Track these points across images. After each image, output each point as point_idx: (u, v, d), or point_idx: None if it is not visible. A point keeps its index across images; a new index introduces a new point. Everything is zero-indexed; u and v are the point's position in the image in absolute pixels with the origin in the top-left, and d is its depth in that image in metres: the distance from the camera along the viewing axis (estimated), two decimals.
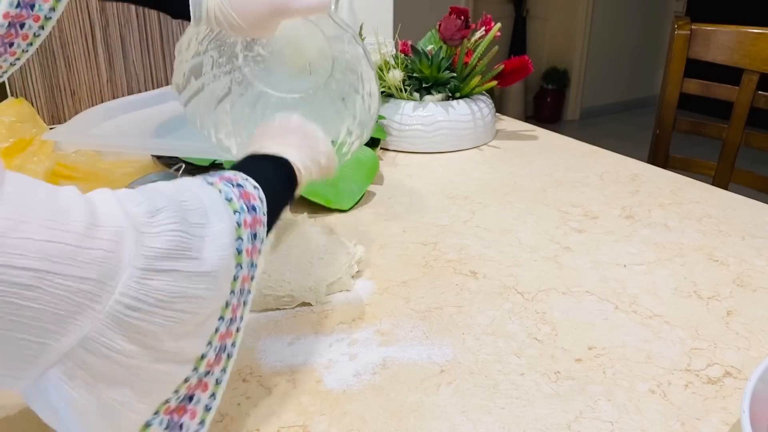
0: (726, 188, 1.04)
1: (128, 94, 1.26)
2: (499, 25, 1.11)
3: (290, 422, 0.49)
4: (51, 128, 0.89)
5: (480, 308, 0.64)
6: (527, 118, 4.13)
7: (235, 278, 0.42)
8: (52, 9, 0.57)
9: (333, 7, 1.24)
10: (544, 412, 0.50)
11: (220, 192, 0.43)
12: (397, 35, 1.19)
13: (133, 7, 1.25)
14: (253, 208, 0.45)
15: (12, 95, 1.17)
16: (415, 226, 0.82)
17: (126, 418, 0.37)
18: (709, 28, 1.21)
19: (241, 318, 0.44)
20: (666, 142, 1.29)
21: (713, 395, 0.52)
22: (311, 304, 0.64)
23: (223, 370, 0.43)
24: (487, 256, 0.74)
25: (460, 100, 1.10)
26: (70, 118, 1.17)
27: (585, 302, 0.65)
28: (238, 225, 0.43)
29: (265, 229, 0.46)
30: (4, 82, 1.16)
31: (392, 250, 0.75)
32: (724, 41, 1.19)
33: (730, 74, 1.20)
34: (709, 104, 1.29)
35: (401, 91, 1.11)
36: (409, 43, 1.15)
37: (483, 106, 1.12)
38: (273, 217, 0.49)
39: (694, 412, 0.50)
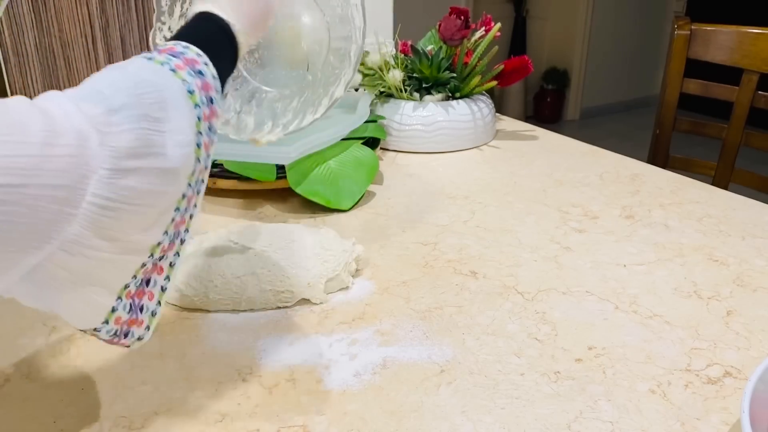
0: (726, 188, 1.04)
1: None
2: (499, 25, 1.11)
3: (290, 422, 0.49)
4: None
5: (480, 308, 0.64)
6: (527, 118, 4.13)
7: (192, 172, 0.43)
8: None
9: None
10: (544, 412, 0.50)
11: (183, 82, 0.43)
12: (397, 35, 1.19)
13: (133, 7, 1.25)
14: (211, 100, 0.46)
15: (12, 95, 1.17)
16: (415, 226, 0.82)
17: (98, 306, 0.40)
18: (709, 28, 1.21)
19: (195, 205, 0.46)
20: (666, 142, 1.29)
21: (713, 395, 0.52)
22: (311, 302, 0.64)
23: (177, 253, 0.45)
24: (487, 256, 0.74)
25: (460, 100, 1.10)
26: None
27: (585, 302, 0.65)
28: (198, 119, 0.43)
29: (218, 118, 0.47)
30: (4, 82, 1.16)
31: (392, 250, 0.75)
32: (724, 41, 1.19)
33: (730, 74, 1.20)
34: (709, 104, 1.29)
35: (401, 91, 1.11)
36: (409, 43, 1.15)
37: (483, 106, 1.12)
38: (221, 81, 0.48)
39: (694, 412, 0.50)
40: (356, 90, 1.12)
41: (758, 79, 1.16)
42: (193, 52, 0.46)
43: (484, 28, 1.12)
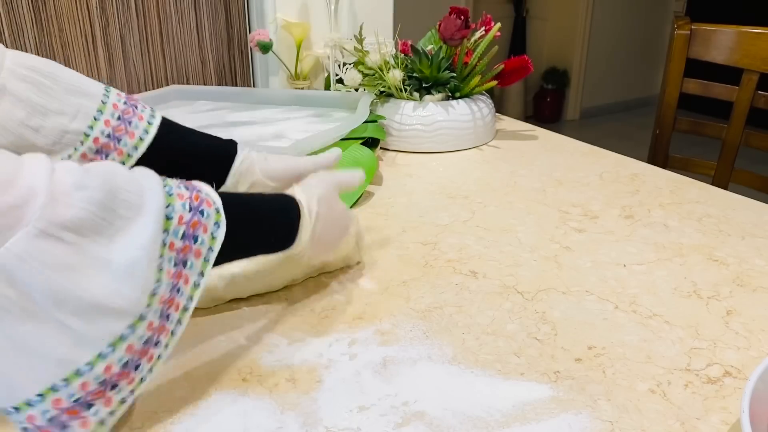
0: (726, 188, 1.04)
1: (128, 94, 1.26)
2: (498, 25, 1.11)
3: (290, 422, 0.49)
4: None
5: (480, 308, 0.64)
6: (527, 118, 4.14)
7: (153, 293, 0.42)
8: None
9: (332, 7, 1.24)
10: (544, 411, 0.50)
11: (164, 186, 0.45)
12: (397, 35, 1.19)
13: (133, 6, 1.25)
14: (200, 212, 0.46)
15: None
16: (415, 226, 0.82)
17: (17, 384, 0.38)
18: (709, 27, 1.21)
19: (166, 345, 0.44)
20: (666, 142, 1.29)
21: (713, 395, 0.52)
22: (313, 299, 0.64)
23: (131, 391, 0.43)
24: (487, 256, 0.74)
25: (460, 100, 1.10)
26: None
27: (585, 302, 0.65)
28: (164, 244, 0.43)
29: (212, 239, 0.46)
30: None
31: (392, 250, 0.75)
32: (723, 41, 1.19)
33: (730, 74, 1.20)
34: (708, 104, 1.29)
35: (401, 91, 1.11)
36: (409, 43, 1.15)
37: (483, 106, 1.12)
38: (234, 246, 0.49)
39: (694, 412, 0.50)
40: (356, 90, 1.12)
41: (758, 79, 1.16)
42: (210, 194, 0.48)
43: (484, 27, 1.12)
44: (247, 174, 0.66)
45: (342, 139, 0.92)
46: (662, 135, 1.28)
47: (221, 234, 0.47)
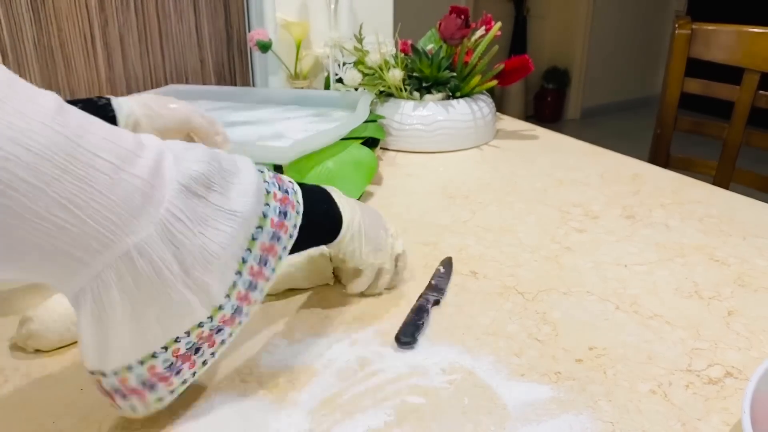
0: (727, 188, 1.04)
1: (127, 94, 1.26)
2: (499, 24, 1.11)
3: (290, 423, 0.49)
4: None
5: (480, 308, 0.64)
6: (528, 118, 4.13)
7: (253, 238, 0.45)
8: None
9: (332, 6, 1.24)
10: (545, 412, 0.50)
11: (265, 181, 0.48)
12: (397, 35, 1.19)
13: (132, 6, 1.25)
14: (286, 191, 0.50)
15: None
16: (415, 226, 0.81)
17: (143, 339, 0.41)
18: (710, 27, 1.20)
19: (261, 290, 0.48)
20: (667, 142, 1.29)
21: (714, 395, 0.52)
22: (317, 299, 0.64)
23: (231, 334, 0.46)
24: (488, 256, 0.74)
25: (460, 100, 1.10)
26: None
27: (586, 302, 0.65)
28: (267, 192, 0.47)
29: (297, 216, 0.50)
30: None
31: None
32: (724, 41, 1.19)
33: (731, 74, 1.20)
34: (710, 104, 1.29)
35: (401, 90, 1.11)
36: (409, 42, 1.15)
37: (483, 105, 1.11)
38: (301, 240, 0.51)
39: (695, 413, 0.50)
40: (356, 90, 1.12)
41: (759, 79, 1.16)
42: (296, 198, 0.51)
43: (484, 27, 1.12)
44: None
45: (342, 139, 0.92)
46: (663, 135, 1.28)
47: (296, 233, 0.50)
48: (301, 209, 0.50)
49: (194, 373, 0.46)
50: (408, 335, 0.58)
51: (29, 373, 0.54)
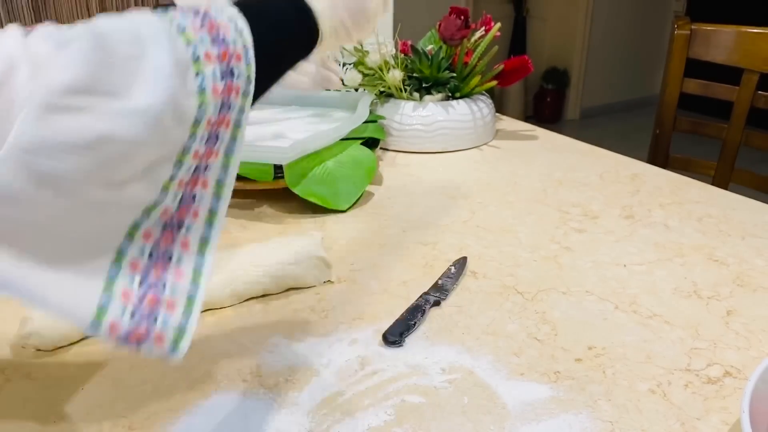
0: (726, 188, 1.04)
1: None
2: (498, 24, 1.11)
3: (290, 422, 0.49)
4: None
5: (480, 308, 0.64)
6: (527, 118, 4.13)
7: (196, 120, 0.36)
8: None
9: None
10: (544, 412, 0.50)
11: (171, 21, 0.37)
12: (397, 35, 1.19)
13: (132, 6, 1.25)
14: (223, 41, 0.38)
15: None
16: (415, 226, 0.82)
17: (80, 287, 0.34)
18: (709, 27, 1.21)
19: (224, 167, 0.39)
20: (666, 142, 1.29)
21: (713, 395, 0.52)
22: (310, 299, 0.64)
23: (209, 223, 0.39)
24: (487, 256, 0.74)
25: (460, 100, 1.10)
26: None
27: (585, 302, 0.65)
28: (196, 58, 0.36)
29: (249, 66, 0.40)
30: None
31: (392, 250, 0.75)
32: (724, 41, 1.19)
33: (730, 74, 1.20)
34: (709, 104, 1.29)
35: (401, 91, 1.11)
36: (409, 43, 1.15)
37: (483, 106, 1.12)
38: (269, 65, 0.42)
39: (694, 412, 0.50)
40: (356, 90, 1.12)
41: (758, 79, 1.16)
42: (225, 15, 0.39)
43: (484, 27, 1.12)
44: None
45: (342, 139, 0.92)
46: (662, 135, 1.28)
47: (251, 88, 0.40)
48: (251, 54, 0.40)
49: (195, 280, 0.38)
50: (395, 334, 0.58)
51: (30, 372, 0.54)
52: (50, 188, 0.31)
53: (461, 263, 0.70)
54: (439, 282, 0.67)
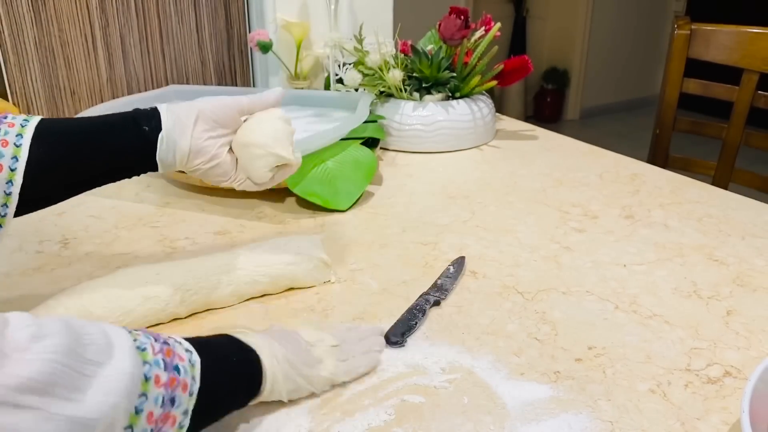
0: (726, 188, 1.04)
1: (128, 94, 1.26)
2: (498, 24, 1.11)
3: (290, 422, 0.49)
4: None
5: (480, 308, 0.64)
6: (527, 118, 4.13)
7: None
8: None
9: (332, 6, 1.24)
10: (544, 411, 0.50)
11: (135, 340, 0.38)
12: (397, 35, 1.19)
13: (132, 6, 1.25)
14: (176, 369, 0.39)
15: (12, 95, 1.17)
16: (415, 226, 0.82)
17: None
18: (709, 27, 1.21)
19: None
20: (666, 142, 1.29)
21: (713, 395, 0.52)
22: (309, 296, 0.64)
23: None
24: (487, 256, 0.74)
25: (460, 100, 1.10)
26: None
27: (585, 302, 0.65)
28: (146, 379, 0.36)
29: (190, 399, 0.39)
30: (3, 81, 1.16)
31: (392, 250, 0.75)
32: (723, 41, 1.19)
33: (730, 74, 1.20)
34: (709, 104, 1.29)
35: (401, 90, 1.11)
36: (409, 42, 1.15)
37: (483, 105, 1.12)
38: (209, 404, 0.42)
39: (694, 412, 0.50)
40: (356, 90, 1.12)
41: (758, 79, 1.16)
42: (182, 348, 0.41)
43: (484, 27, 1.12)
44: (181, 130, 0.54)
45: (342, 139, 0.92)
46: (662, 135, 1.28)
47: (187, 421, 0.40)
48: (195, 388, 0.40)
49: None
50: (397, 335, 0.58)
51: None
52: None
53: (459, 262, 0.70)
54: (438, 282, 0.67)
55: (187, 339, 0.43)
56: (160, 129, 0.54)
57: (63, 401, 0.32)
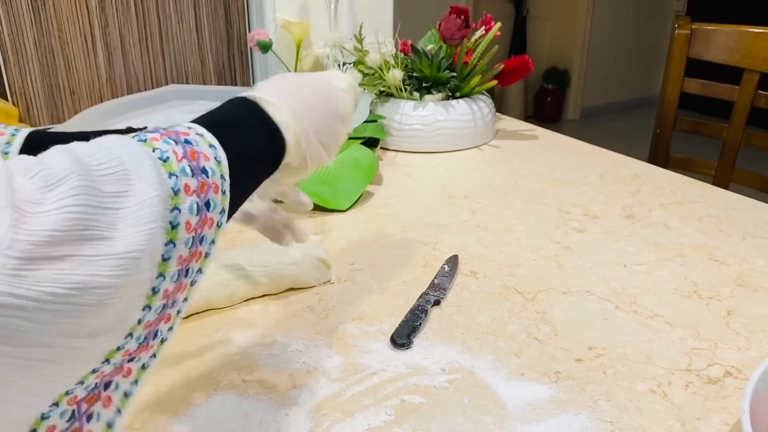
0: (726, 188, 1.04)
1: (128, 94, 1.26)
2: (499, 24, 1.11)
3: (290, 422, 0.49)
4: (50, 128, 0.89)
5: (480, 308, 0.64)
6: (527, 118, 4.13)
7: (164, 258, 0.34)
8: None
9: (332, 6, 1.24)
10: (545, 411, 0.50)
11: (153, 150, 0.35)
12: (397, 35, 1.19)
13: (132, 6, 1.25)
14: (203, 171, 0.37)
15: (12, 95, 1.17)
16: (415, 226, 0.82)
17: (17, 417, 0.30)
18: (710, 27, 1.21)
19: (185, 300, 0.37)
20: (666, 142, 1.29)
21: (713, 395, 0.52)
22: (310, 299, 0.64)
23: (153, 355, 0.37)
24: (487, 256, 0.74)
25: (460, 100, 1.10)
26: (69, 118, 1.17)
27: (585, 302, 0.65)
28: (175, 192, 0.34)
29: (224, 197, 0.38)
30: (3, 81, 1.16)
31: (392, 250, 0.75)
32: (724, 41, 1.19)
33: (731, 74, 1.20)
34: (709, 104, 1.29)
35: (401, 90, 1.11)
36: (409, 42, 1.15)
37: (483, 105, 1.12)
38: (240, 187, 0.41)
39: (695, 412, 0.50)
40: None
41: (759, 79, 1.16)
42: (205, 142, 0.38)
43: (484, 27, 1.12)
44: None
45: None
46: (663, 135, 1.28)
47: (225, 219, 0.39)
48: (227, 185, 0.39)
49: (118, 410, 0.35)
50: (403, 336, 0.58)
51: None
52: (8, 344, 0.28)
53: (453, 260, 0.71)
54: (436, 281, 0.67)
55: (202, 119, 0.41)
56: None
57: (96, 243, 0.30)
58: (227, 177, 0.38)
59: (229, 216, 0.40)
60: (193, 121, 0.40)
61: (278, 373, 0.54)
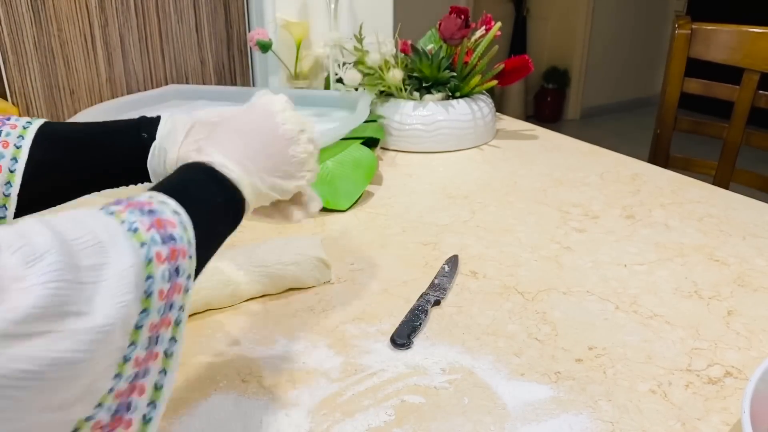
0: (727, 188, 1.04)
1: (127, 94, 1.26)
2: (499, 24, 1.11)
3: (289, 423, 0.49)
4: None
5: (480, 308, 0.64)
6: (527, 118, 4.13)
7: (137, 327, 0.34)
8: None
9: (332, 6, 1.24)
10: (545, 412, 0.50)
11: (122, 222, 0.35)
12: (397, 35, 1.19)
13: (132, 6, 1.25)
14: (171, 238, 0.37)
15: (12, 95, 1.17)
16: (415, 226, 0.82)
17: None
18: (710, 27, 1.20)
19: (164, 372, 0.37)
20: (667, 142, 1.29)
21: (714, 395, 0.52)
22: (309, 298, 0.64)
23: (129, 426, 0.36)
24: (488, 256, 0.74)
25: (460, 100, 1.10)
26: (68, 118, 1.17)
27: (585, 302, 0.65)
28: (149, 261, 0.35)
29: (191, 262, 0.38)
30: (3, 81, 1.16)
31: (392, 250, 0.75)
32: (724, 40, 1.19)
33: (731, 74, 1.20)
34: (709, 104, 1.29)
35: (401, 90, 1.11)
36: (409, 42, 1.15)
37: (483, 105, 1.12)
38: (206, 248, 0.42)
39: (695, 412, 0.50)
40: (356, 89, 1.12)
41: (759, 79, 1.16)
42: (169, 209, 0.38)
43: (484, 27, 1.12)
44: (173, 139, 0.53)
45: (342, 139, 0.92)
46: (663, 135, 1.28)
47: (192, 283, 0.39)
48: (193, 250, 0.39)
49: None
50: (403, 336, 0.58)
51: None
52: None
53: (453, 260, 0.71)
54: (436, 281, 0.67)
55: (161, 186, 0.41)
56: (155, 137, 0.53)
57: (73, 317, 0.30)
58: (193, 241, 0.39)
59: (195, 277, 0.40)
60: (152, 189, 0.41)
61: (278, 374, 0.54)
